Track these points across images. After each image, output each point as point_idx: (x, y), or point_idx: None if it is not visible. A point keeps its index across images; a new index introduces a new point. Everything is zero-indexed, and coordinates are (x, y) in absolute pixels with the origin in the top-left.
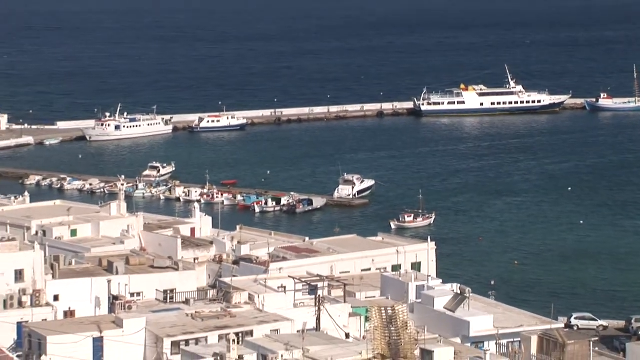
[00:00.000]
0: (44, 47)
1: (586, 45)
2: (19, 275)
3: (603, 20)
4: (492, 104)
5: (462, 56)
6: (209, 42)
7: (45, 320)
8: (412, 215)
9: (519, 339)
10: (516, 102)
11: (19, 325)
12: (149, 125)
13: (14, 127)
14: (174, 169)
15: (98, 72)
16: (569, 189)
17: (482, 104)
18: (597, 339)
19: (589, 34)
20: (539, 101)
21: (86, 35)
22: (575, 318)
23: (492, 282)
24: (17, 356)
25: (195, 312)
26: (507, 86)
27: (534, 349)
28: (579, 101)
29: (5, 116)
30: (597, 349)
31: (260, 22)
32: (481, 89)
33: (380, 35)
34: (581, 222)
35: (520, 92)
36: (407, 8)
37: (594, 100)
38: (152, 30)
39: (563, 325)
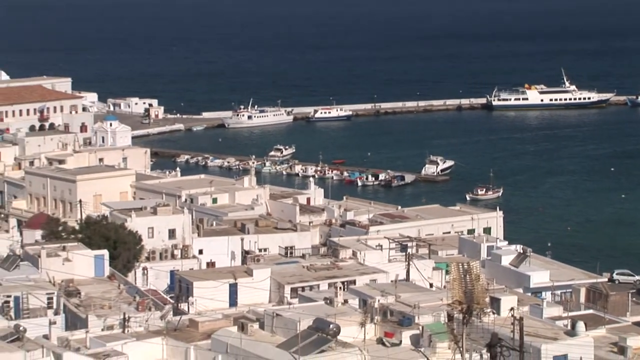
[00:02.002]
0: (189, 53)
1: (629, 52)
2: (171, 233)
3: None
4: (551, 100)
5: (527, 61)
6: (321, 49)
7: (192, 269)
8: (484, 189)
9: (571, 290)
10: (570, 99)
11: (172, 273)
12: (274, 115)
13: (168, 116)
14: (294, 150)
15: (233, 73)
16: (612, 169)
17: (542, 100)
18: (634, 291)
19: (631, 43)
20: (589, 98)
21: (222, 44)
22: (617, 274)
23: (549, 244)
24: (170, 297)
25: (310, 264)
26: (563, 86)
27: (582, 298)
28: (622, 98)
29: (162, 108)
30: (634, 299)
31: (359, 33)
32: (542, 88)
33: (459, 45)
34: (623, 196)
35: (573, 90)
36: (480, 23)
37: (635, 97)
38: (275, 39)
39: (606, 280)
